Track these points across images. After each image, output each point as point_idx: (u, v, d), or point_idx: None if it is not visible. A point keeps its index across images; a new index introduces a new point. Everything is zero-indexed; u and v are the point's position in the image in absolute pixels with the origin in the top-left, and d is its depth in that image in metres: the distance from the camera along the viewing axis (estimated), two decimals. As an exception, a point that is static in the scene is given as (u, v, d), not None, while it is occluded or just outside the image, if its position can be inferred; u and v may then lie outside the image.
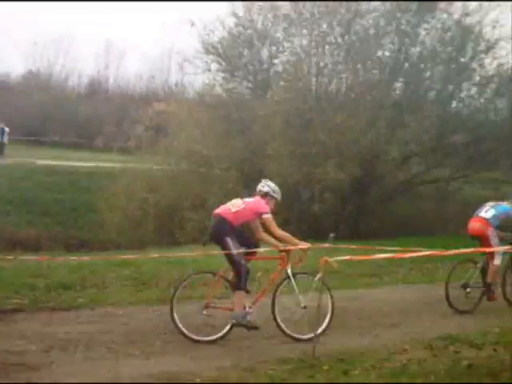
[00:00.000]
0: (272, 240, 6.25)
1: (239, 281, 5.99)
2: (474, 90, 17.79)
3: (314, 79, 16.73)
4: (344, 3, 15.95)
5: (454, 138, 17.34)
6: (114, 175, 19.14)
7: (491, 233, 7.95)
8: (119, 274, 8.60)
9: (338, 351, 5.88)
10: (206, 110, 17.41)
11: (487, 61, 17.26)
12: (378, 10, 16.52)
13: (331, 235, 6.02)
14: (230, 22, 17.19)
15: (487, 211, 8.31)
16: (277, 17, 16.87)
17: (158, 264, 9.24)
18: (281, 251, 6.24)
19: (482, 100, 17.89)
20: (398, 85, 17.44)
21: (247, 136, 16.15)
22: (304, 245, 6.29)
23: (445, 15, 16.99)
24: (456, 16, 16.84)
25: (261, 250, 6.48)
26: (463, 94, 17.85)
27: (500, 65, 17.19)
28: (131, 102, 39.50)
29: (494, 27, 16.59)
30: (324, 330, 6.20)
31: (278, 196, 6.54)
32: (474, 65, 17.20)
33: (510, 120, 18.31)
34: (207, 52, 17.40)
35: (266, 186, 6.56)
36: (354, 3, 16.05)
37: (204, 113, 17.31)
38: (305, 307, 6.11)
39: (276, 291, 6.18)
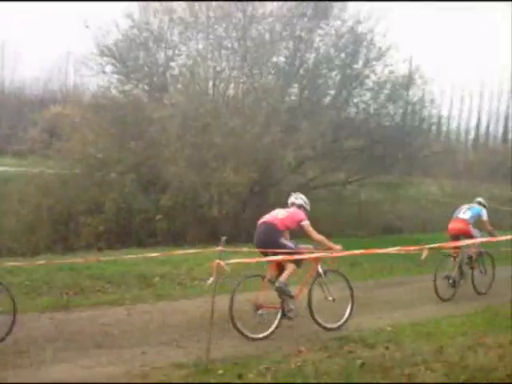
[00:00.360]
0: (326, 241, 7.53)
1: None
2: (367, 96, 18.97)
3: (210, 83, 17.34)
4: (240, 7, 16.62)
5: (348, 143, 18.57)
6: (6, 179, 18.92)
7: (472, 230, 9.89)
8: (11, 281, 8.48)
9: (233, 355, 6.19)
10: (100, 112, 17.45)
11: (379, 68, 18.54)
12: (273, 15, 17.25)
13: (223, 239, 6.47)
14: (126, 24, 17.39)
15: (465, 213, 10.32)
16: (172, 20, 17.21)
17: (50, 271, 9.37)
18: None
19: (375, 106, 19.06)
20: (294, 90, 18.22)
21: (144, 139, 16.35)
22: (337, 247, 7.49)
23: (338, 22, 18.09)
24: (349, 23, 17.97)
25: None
26: (357, 100, 18.98)
27: (391, 71, 18.52)
28: (28, 104, 38.69)
29: (384, 35, 17.95)
30: (347, 319, 7.73)
31: (308, 207, 7.95)
32: (367, 71, 18.37)
33: (402, 125, 20.04)
34: (102, 54, 17.45)
35: (299, 198, 7.96)
36: (249, 8, 16.72)
37: (99, 115, 17.35)
38: (333, 300, 7.60)
39: (311, 287, 7.49)
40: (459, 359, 6.17)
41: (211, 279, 6.45)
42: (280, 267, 7.43)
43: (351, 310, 7.83)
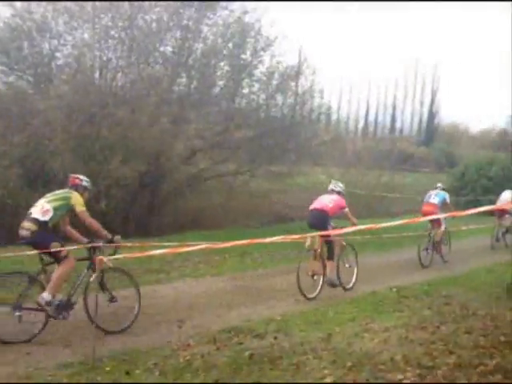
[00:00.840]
0: (354, 220, 10.41)
1: (331, 254, 10.00)
2: (256, 87, 19.94)
3: (97, 73, 17.60)
4: None
5: (238, 134, 19.36)
6: None
7: (440, 213, 12.90)
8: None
9: (121, 352, 6.39)
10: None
11: (267, 58, 19.53)
12: (160, 5, 17.80)
13: (116, 237, 7.11)
14: (7, 12, 17.11)
15: (434, 198, 13.85)
16: (57, 9, 17.22)
17: None
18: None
19: (264, 96, 20.13)
20: (182, 80, 18.87)
21: (28, 132, 16.14)
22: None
23: (226, 12, 18.93)
24: (237, 13, 18.84)
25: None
26: (246, 90, 19.91)
27: (279, 62, 19.60)
28: None
29: (271, 26, 18.95)
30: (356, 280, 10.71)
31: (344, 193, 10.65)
32: (255, 62, 19.32)
33: (291, 115, 21.44)
34: (-18, 44, 16.90)
35: (337, 186, 10.45)
36: None
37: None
38: (349, 266, 10.72)
39: (338, 261, 10.27)
40: (346, 346, 6.76)
41: (94, 276, 6.99)
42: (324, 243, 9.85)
43: (357, 274, 10.75)
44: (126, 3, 17.05)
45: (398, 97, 63.25)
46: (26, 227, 7.01)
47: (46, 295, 6.86)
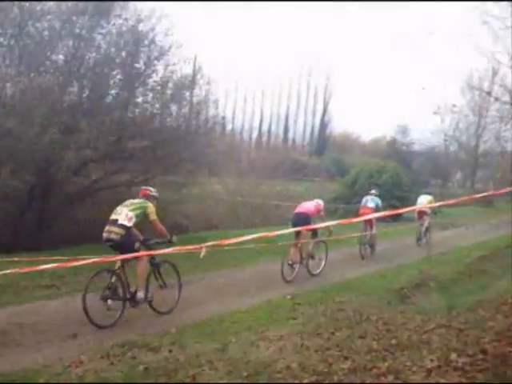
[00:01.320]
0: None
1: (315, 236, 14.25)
2: (150, 96, 20.21)
3: None
4: (16, 3, 16.91)
5: (132, 143, 19.56)
6: None
7: (374, 216, 14.81)
8: None
9: (11, 370, 6.45)
10: None
11: (161, 67, 20.02)
12: (52, 13, 17.81)
13: None
14: None
15: (370, 203, 17.36)
16: None
17: None
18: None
19: (158, 106, 20.43)
20: (74, 89, 18.87)
21: None
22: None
23: (120, 20, 19.13)
24: (131, 22, 19.16)
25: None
26: (140, 100, 20.20)
27: (173, 71, 20.15)
28: None
29: (166, 35, 19.57)
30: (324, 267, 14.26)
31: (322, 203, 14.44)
32: (149, 71, 19.67)
33: (186, 125, 21.99)
34: None
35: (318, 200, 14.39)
36: (27, 4, 17.12)
37: None
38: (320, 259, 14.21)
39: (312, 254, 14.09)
40: (242, 355, 7.02)
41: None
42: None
43: (324, 265, 14.20)
44: (17, 10, 16.98)
45: (290, 107, 65.48)
46: (116, 232, 9.06)
47: (140, 294, 9.35)
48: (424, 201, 19.61)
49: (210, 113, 23.29)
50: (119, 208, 9.44)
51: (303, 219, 13.12)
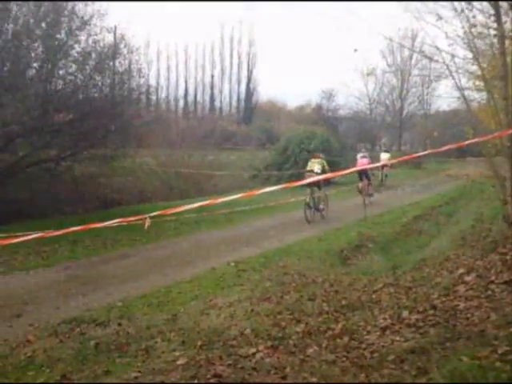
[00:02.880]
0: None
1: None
2: (73, 68, 19.46)
3: None
4: None
5: (58, 117, 19.08)
6: None
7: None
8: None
9: None
10: None
11: (83, 38, 19.31)
12: None
13: None
14: None
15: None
16: None
17: None
18: None
19: (82, 77, 19.61)
20: None
21: None
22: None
23: None
24: None
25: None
26: (63, 72, 19.47)
27: (96, 41, 19.48)
28: None
29: (86, 5, 18.91)
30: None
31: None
32: (71, 42, 18.90)
33: (111, 96, 21.49)
34: None
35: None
36: None
37: None
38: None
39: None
40: (193, 325, 7.07)
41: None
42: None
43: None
44: None
45: (215, 75, 65.10)
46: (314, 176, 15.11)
47: (321, 206, 17.54)
48: (385, 157, 29.77)
49: (135, 83, 22.66)
50: (310, 163, 17.55)
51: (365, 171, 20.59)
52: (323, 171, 16.62)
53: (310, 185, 15.96)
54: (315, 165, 17.15)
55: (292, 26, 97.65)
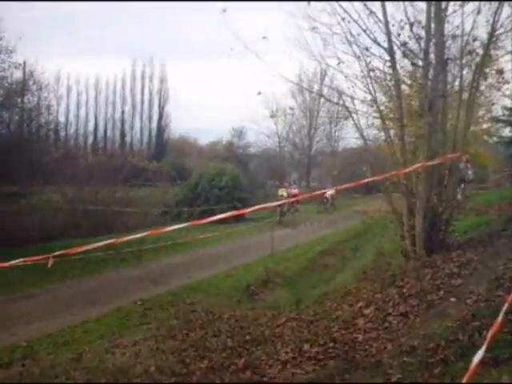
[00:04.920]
0: None
1: None
2: None
3: None
4: None
5: None
6: None
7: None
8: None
9: None
10: None
11: None
12: None
13: None
14: None
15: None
16: None
17: None
18: None
19: None
20: None
21: None
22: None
23: None
24: None
25: None
26: None
27: (4, 77, 19.27)
28: None
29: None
30: None
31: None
32: None
33: (20, 132, 21.16)
34: None
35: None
36: None
37: None
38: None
39: None
40: (98, 363, 7.09)
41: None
42: None
43: None
44: None
45: (126, 111, 64.72)
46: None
47: None
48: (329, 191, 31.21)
49: (44, 119, 22.47)
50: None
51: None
52: None
53: None
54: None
55: (203, 64, 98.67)
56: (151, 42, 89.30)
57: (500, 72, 11.70)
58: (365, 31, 10.31)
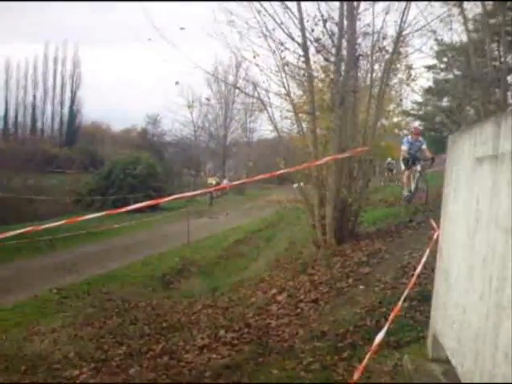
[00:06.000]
0: None
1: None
2: None
3: None
4: None
5: None
6: None
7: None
8: None
9: None
10: None
11: None
12: None
13: None
14: None
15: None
16: None
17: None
18: None
19: None
20: None
21: None
22: None
23: None
24: None
25: None
26: None
27: None
28: None
29: None
30: None
31: None
32: None
33: None
34: None
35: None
36: None
37: None
38: None
39: None
40: (17, 351, 7.09)
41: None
42: None
43: None
44: None
45: (37, 97, 62.80)
46: None
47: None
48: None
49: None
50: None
51: None
52: None
53: None
54: None
55: (119, 50, 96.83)
56: (65, 26, 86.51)
57: (409, 68, 12.30)
58: (280, 26, 10.51)
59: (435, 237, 5.22)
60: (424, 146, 13.08)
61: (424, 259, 5.46)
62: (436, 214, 5.00)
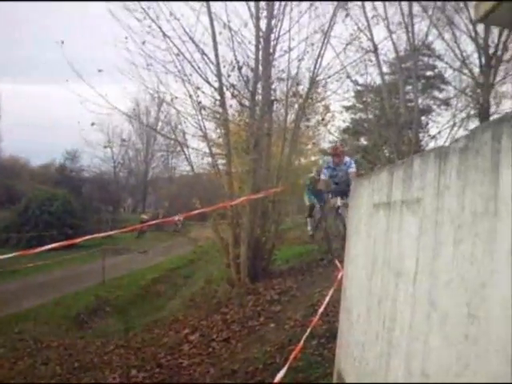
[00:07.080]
0: None
1: None
2: None
3: None
4: None
5: None
6: None
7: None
8: None
9: None
10: None
11: None
12: None
13: None
14: None
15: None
16: None
17: None
18: None
19: None
20: None
21: None
22: None
23: None
24: None
25: None
26: None
27: None
28: None
29: None
30: None
31: None
32: None
33: None
34: None
35: None
36: None
37: None
38: None
39: None
40: None
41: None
42: None
43: None
44: None
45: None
46: None
47: None
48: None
49: None
50: None
51: None
52: None
53: None
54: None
55: (39, 85, 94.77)
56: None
57: (327, 109, 12.70)
58: (197, 71, 10.65)
59: (339, 277, 5.37)
60: (352, 169, 9.64)
61: (327, 299, 5.60)
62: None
